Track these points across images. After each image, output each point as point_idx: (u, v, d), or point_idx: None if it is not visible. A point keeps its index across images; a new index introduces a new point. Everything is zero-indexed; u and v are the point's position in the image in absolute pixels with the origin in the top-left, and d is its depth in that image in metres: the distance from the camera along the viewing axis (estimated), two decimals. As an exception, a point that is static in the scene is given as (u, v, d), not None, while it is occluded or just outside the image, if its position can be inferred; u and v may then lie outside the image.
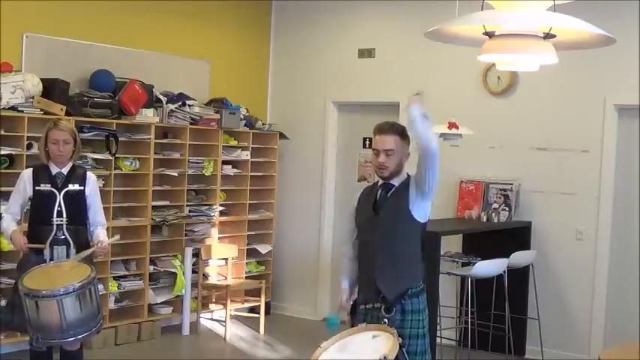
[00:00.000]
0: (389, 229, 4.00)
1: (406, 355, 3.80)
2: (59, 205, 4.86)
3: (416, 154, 3.97)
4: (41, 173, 4.96)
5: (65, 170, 4.98)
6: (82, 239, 4.96)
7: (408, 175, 4.08)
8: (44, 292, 4.44)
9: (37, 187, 4.92)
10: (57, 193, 4.88)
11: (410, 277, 4.01)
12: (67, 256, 4.86)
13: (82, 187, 4.98)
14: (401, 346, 3.69)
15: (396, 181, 4.06)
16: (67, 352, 5.00)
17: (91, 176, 5.09)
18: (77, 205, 4.95)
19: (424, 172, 3.89)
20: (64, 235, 4.86)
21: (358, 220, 4.18)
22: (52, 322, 4.45)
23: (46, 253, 4.84)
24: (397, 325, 3.88)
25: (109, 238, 5.27)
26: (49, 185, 4.90)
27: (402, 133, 4.05)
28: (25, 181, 4.98)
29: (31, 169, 5.04)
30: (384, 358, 3.46)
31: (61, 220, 4.85)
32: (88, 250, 4.91)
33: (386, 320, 3.92)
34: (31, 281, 4.54)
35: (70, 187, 4.92)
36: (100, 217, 5.11)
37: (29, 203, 5.02)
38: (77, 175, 5.01)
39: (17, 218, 5.04)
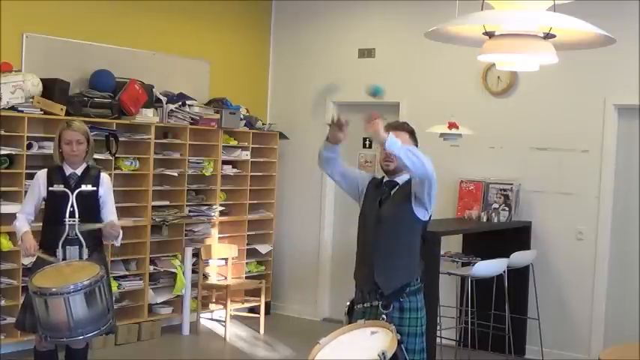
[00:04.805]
0: (391, 224, 4.02)
1: (405, 352, 3.80)
2: (72, 206, 4.86)
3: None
4: (55, 174, 4.98)
5: (79, 171, 4.99)
6: (95, 239, 4.95)
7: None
8: (53, 289, 4.45)
9: (50, 188, 4.94)
10: (69, 194, 4.88)
11: (408, 273, 4.02)
12: (80, 256, 4.87)
13: (94, 188, 4.99)
14: (400, 343, 3.69)
15: (400, 180, 4.09)
16: (73, 351, 5.02)
17: (104, 177, 5.09)
18: (90, 205, 4.95)
19: (422, 193, 3.94)
20: (76, 235, 4.86)
21: (362, 211, 4.19)
22: (60, 320, 4.45)
23: (59, 253, 4.84)
24: (396, 323, 3.89)
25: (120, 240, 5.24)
26: (62, 186, 4.91)
27: (411, 132, 4.14)
28: (39, 182, 5.00)
29: (46, 170, 5.05)
30: (383, 354, 3.46)
31: (74, 221, 4.85)
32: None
33: (384, 316, 3.93)
34: (41, 280, 4.56)
35: (83, 187, 4.92)
36: (114, 217, 5.10)
37: (44, 203, 5.04)
38: (91, 175, 5.01)
39: (31, 218, 5.04)
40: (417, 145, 4.15)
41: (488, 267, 6.41)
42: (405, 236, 4.03)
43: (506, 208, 7.07)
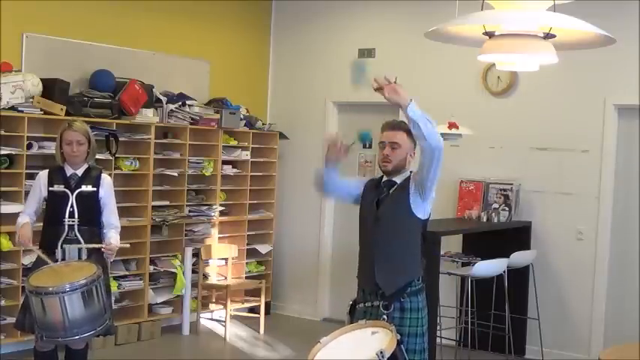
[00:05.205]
0: (389, 223, 4.02)
1: (404, 353, 3.80)
2: (71, 206, 4.87)
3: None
4: (56, 174, 4.98)
5: (80, 172, 4.98)
6: (94, 240, 4.95)
7: (411, 172, 4.11)
8: (49, 289, 4.45)
9: (50, 188, 4.94)
10: (69, 194, 4.88)
11: (408, 273, 4.01)
12: (79, 256, 4.87)
13: (95, 189, 4.98)
14: (399, 343, 3.69)
15: (398, 179, 4.09)
16: (73, 351, 5.02)
17: (105, 178, 5.08)
18: (90, 206, 4.95)
19: (428, 173, 3.91)
20: (75, 235, 4.86)
21: (361, 212, 4.19)
22: (56, 320, 4.46)
23: (58, 253, 4.84)
24: (396, 323, 3.89)
25: (120, 241, 5.23)
26: (63, 186, 4.91)
27: (409, 131, 4.10)
28: (40, 183, 5.00)
29: (47, 170, 5.06)
30: (381, 353, 3.46)
31: (73, 221, 4.86)
32: (96, 245, 4.91)
33: (385, 317, 3.93)
34: (38, 279, 4.56)
35: (83, 188, 4.92)
36: (114, 219, 5.09)
37: (45, 204, 5.04)
38: (91, 176, 5.01)
39: (33, 218, 5.04)
40: (415, 143, 4.13)
41: (488, 267, 6.41)
42: (403, 235, 4.02)
43: (506, 208, 7.07)
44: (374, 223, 4.07)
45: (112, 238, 5.00)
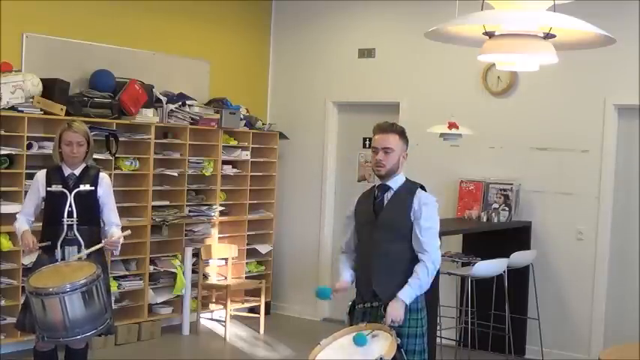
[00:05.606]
0: (388, 232, 4.01)
1: (404, 355, 3.80)
2: (70, 206, 4.87)
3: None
4: (54, 174, 4.98)
5: (77, 171, 4.99)
6: (94, 239, 4.95)
7: (407, 180, 4.10)
8: (49, 289, 4.45)
9: (49, 188, 4.94)
10: (67, 194, 4.88)
11: (406, 281, 4.00)
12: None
13: (93, 188, 4.98)
14: (399, 347, 3.69)
15: (392, 183, 4.09)
16: (73, 351, 5.02)
17: (103, 177, 5.09)
18: (88, 205, 4.95)
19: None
20: (75, 235, 4.86)
21: (357, 223, 4.18)
22: (56, 320, 4.46)
23: (57, 253, 4.85)
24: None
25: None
26: (61, 186, 4.91)
27: (401, 133, 4.10)
28: (38, 183, 5.01)
29: (45, 170, 5.06)
30: (381, 358, 3.47)
31: (72, 220, 4.86)
32: (96, 246, 4.91)
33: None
34: (38, 280, 4.56)
35: (81, 187, 4.92)
36: (114, 217, 5.10)
37: (44, 204, 5.04)
38: (89, 175, 5.01)
39: (31, 219, 5.05)
40: (407, 144, 4.13)
41: (488, 267, 6.41)
42: (401, 244, 4.01)
43: (506, 208, 7.07)
44: (372, 232, 4.06)
45: (115, 234, 5.01)
